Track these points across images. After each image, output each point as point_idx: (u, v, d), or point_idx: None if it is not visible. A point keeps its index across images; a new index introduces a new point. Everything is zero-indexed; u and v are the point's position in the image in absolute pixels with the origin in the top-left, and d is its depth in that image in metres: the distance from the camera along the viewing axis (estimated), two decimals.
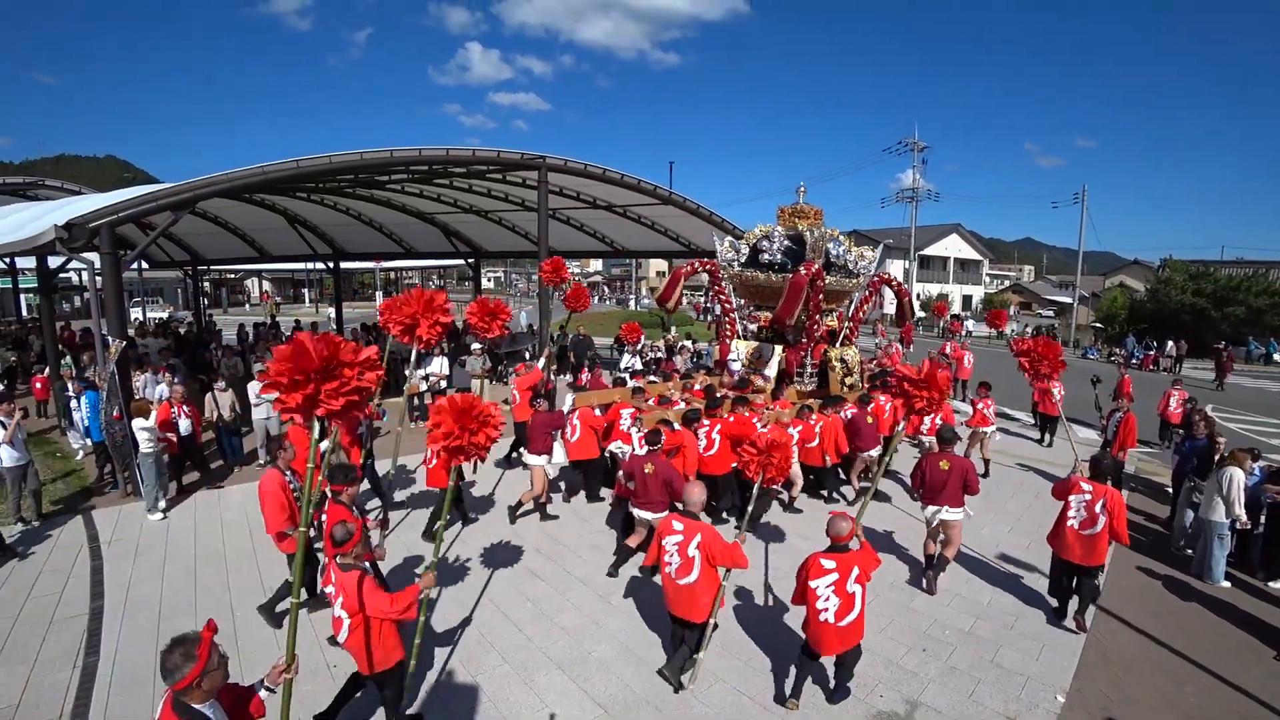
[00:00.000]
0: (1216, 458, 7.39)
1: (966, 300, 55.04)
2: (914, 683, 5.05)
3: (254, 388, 10.04)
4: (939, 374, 4.79)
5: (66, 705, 4.59)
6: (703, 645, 4.88)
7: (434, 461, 7.24)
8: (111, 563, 6.74)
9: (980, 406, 9.74)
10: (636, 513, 6.51)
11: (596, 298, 71.85)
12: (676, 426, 7.54)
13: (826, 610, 4.44)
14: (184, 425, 8.66)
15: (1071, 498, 5.79)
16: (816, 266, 9.90)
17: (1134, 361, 26.56)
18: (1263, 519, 6.92)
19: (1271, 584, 6.81)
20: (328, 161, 9.98)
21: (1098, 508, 5.58)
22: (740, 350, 10.94)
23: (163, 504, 8.03)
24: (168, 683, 2.78)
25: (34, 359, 15.69)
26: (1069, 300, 43.05)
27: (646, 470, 6.30)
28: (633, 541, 6.61)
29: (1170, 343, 26.76)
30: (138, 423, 7.89)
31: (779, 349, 10.61)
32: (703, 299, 57.20)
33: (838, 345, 10.96)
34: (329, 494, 5.08)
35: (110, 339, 8.28)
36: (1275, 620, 6.12)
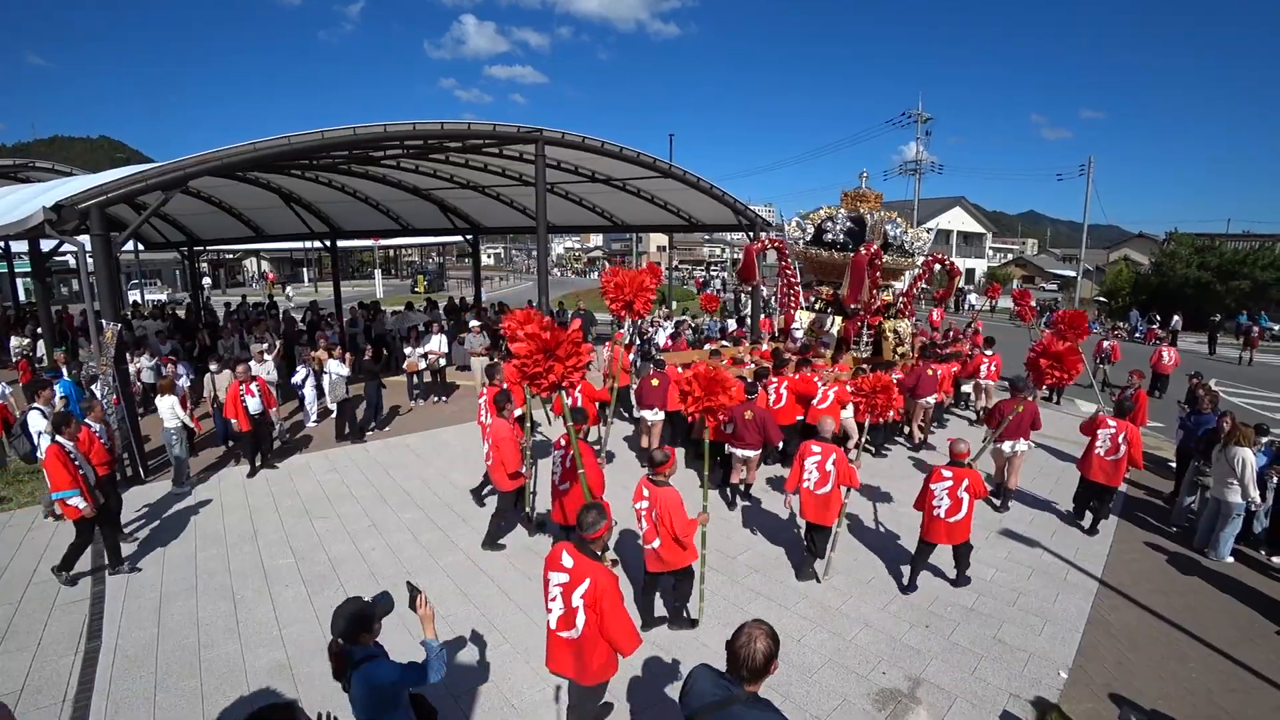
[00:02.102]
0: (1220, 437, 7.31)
1: (970, 273, 54.62)
2: (917, 659, 5.05)
3: (253, 368, 9.96)
4: None
5: (70, 690, 4.59)
6: (832, 547, 6.31)
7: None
8: None
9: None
10: (737, 451, 7.68)
11: (596, 272, 71.51)
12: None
13: (939, 508, 5.77)
14: (253, 404, 8.65)
15: (1099, 431, 7.24)
16: (875, 247, 10.89)
17: (1137, 335, 26.42)
18: (1270, 496, 6.86)
19: (1275, 559, 6.79)
20: (320, 137, 9.75)
21: (1120, 439, 7.07)
22: (803, 320, 12.27)
23: (187, 481, 8.28)
24: (583, 532, 3.76)
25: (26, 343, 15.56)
26: (1073, 274, 42.69)
27: (746, 416, 7.49)
28: (735, 478, 7.91)
29: (1176, 317, 26.59)
30: (165, 400, 8.01)
31: (838, 319, 11.88)
32: (703, 274, 56.92)
33: (892, 318, 12.05)
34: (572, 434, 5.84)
35: (105, 322, 8.17)
36: (1278, 595, 6.11)
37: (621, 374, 10.09)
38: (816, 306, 12.69)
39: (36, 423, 7.36)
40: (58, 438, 5.95)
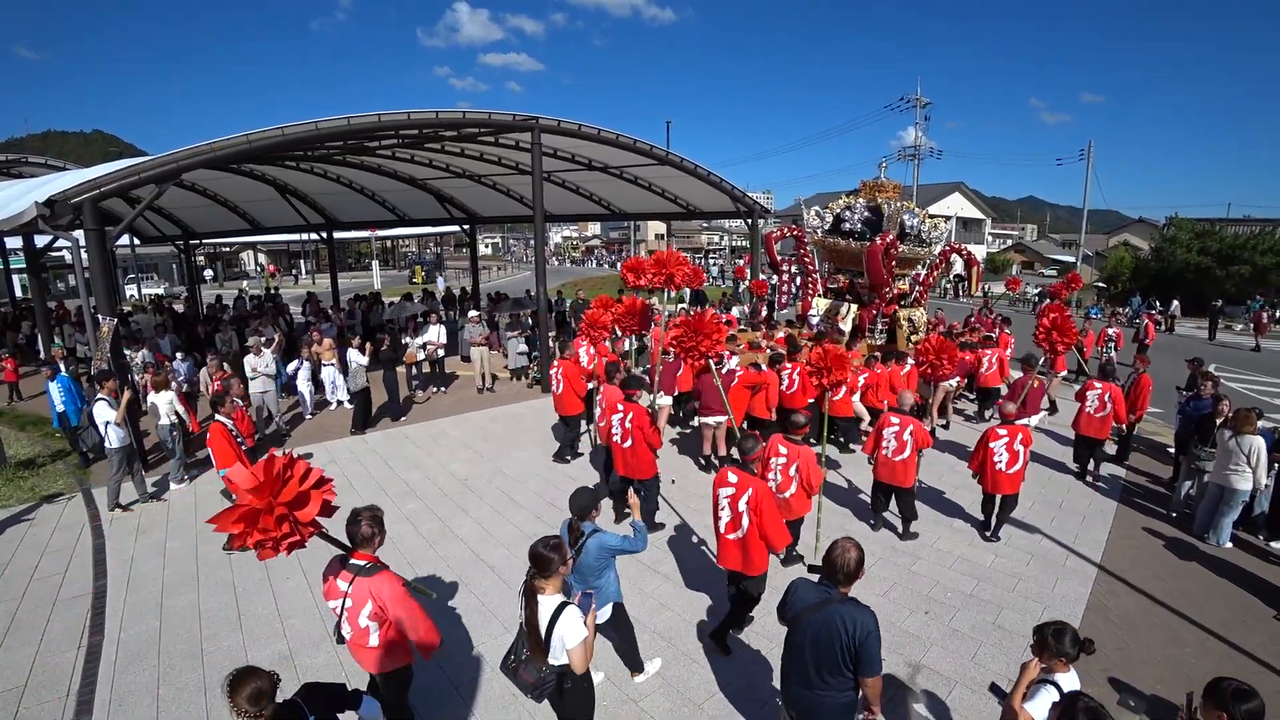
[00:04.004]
0: (1220, 421, 7.30)
1: None
2: (916, 645, 5.07)
3: (250, 361, 9.94)
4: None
5: (73, 684, 4.62)
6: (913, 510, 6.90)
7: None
8: (113, 541, 6.75)
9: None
10: (708, 420, 8.24)
11: (594, 261, 71.32)
12: (764, 367, 8.99)
13: (1000, 462, 6.54)
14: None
15: (1088, 393, 8.36)
16: (891, 237, 11.14)
17: (1136, 321, 26.38)
18: (1270, 482, 6.84)
19: (1273, 544, 6.80)
20: (314, 128, 9.70)
21: (1105, 398, 8.20)
22: (820, 307, 12.62)
23: (183, 476, 8.29)
24: (744, 456, 4.77)
25: (23, 340, 15.54)
26: (1072, 259, 42.56)
27: (715, 384, 7.78)
28: (705, 448, 8.55)
29: (1175, 302, 26.56)
30: (161, 396, 7.98)
31: (854, 307, 12.16)
32: (700, 261, 56.75)
33: (907, 306, 12.24)
34: (629, 398, 6.66)
35: (100, 317, 8.15)
36: (1277, 580, 6.12)
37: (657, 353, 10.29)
38: (834, 293, 12.91)
39: (103, 413, 7.37)
40: (218, 416, 6.47)
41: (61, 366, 9.08)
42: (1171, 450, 9.01)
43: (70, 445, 9.12)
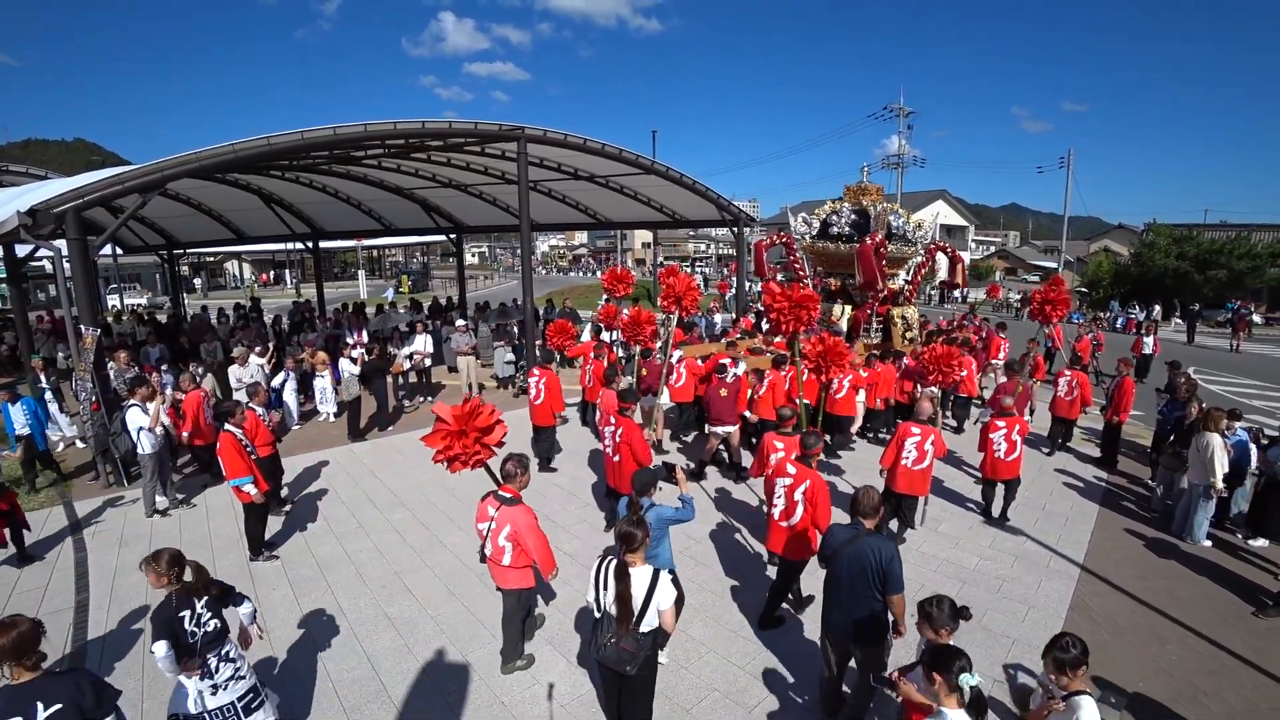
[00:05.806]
0: (1187, 424, 7.46)
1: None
2: (901, 648, 5.09)
3: (234, 372, 9.86)
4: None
5: None
6: (926, 502, 7.11)
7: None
8: (96, 554, 6.66)
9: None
10: (717, 429, 8.44)
11: (581, 270, 71.40)
12: (765, 371, 9.13)
13: (999, 451, 7.01)
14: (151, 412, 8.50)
15: (1060, 380, 9.63)
16: (880, 237, 11.42)
17: (1118, 326, 26.77)
18: (1248, 480, 6.97)
19: (1251, 542, 6.93)
20: (300, 138, 9.67)
21: (1074, 384, 9.50)
22: None
23: (171, 487, 8.09)
24: (805, 450, 5.23)
25: (7, 351, 15.32)
26: (1054, 265, 43.20)
27: (721, 394, 8.30)
28: (707, 455, 8.73)
29: (1157, 307, 27.00)
30: (151, 406, 7.89)
31: (847, 308, 12.43)
32: (687, 269, 56.95)
33: (900, 305, 12.46)
34: (621, 411, 6.67)
35: (83, 328, 8.06)
36: (1254, 578, 6.25)
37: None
38: (825, 296, 13.04)
39: (136, 419, 7.30)
40: (228, 426, 6.35)
41: (41, 378, 8.94)
42: (1152, 452, 9.16)
43: (25, 469, 8.40)
